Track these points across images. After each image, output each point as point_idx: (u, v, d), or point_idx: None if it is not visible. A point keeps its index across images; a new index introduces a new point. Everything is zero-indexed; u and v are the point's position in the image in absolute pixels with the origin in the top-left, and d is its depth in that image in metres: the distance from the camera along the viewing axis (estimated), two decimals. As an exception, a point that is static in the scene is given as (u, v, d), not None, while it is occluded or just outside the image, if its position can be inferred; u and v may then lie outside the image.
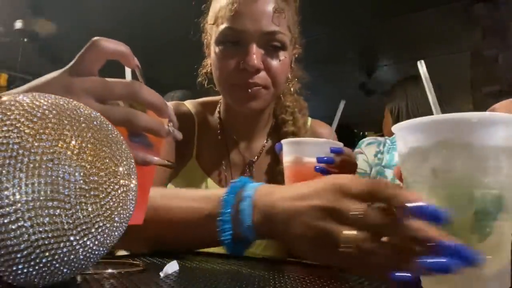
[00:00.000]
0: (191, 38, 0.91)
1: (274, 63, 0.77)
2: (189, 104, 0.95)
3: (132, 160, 0.41)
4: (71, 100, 0.39)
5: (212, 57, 0.82)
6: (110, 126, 0.40)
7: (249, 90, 0.77)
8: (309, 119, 0.97)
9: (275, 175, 0.86)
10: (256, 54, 0.75)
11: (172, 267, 0.46)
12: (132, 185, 0.39)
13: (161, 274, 0.44)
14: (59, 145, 0.34)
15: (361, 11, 3.54)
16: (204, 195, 0.58)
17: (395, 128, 0.39)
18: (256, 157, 0.90)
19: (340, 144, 0.70)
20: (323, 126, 0.98)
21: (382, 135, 1.88)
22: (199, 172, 0.88)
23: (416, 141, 0.36)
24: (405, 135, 0.38)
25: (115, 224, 0.37)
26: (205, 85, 0.91)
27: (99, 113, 0.41)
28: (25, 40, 4.18)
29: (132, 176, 0.40)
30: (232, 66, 0.77)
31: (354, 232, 0.38)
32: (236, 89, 0.79)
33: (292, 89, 0.92)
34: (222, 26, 0.76)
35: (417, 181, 0.37)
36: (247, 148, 0.90)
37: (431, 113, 1.55)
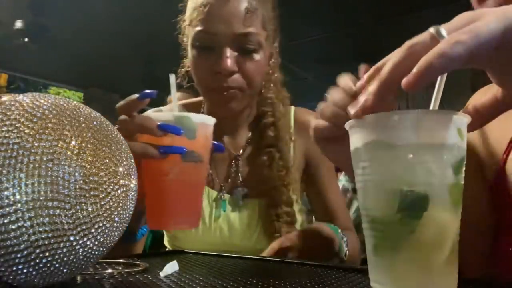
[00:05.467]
0: (180, 40, 0.91)
1: (249, 64, 0.78)
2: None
3: (132, 160, 0.41)
4: (71, 100, 0.39)
5: (189, 59, 0.83)
6: (110, 126, 0.40)
7: (225, 94, 0.78)
8: (293, 108, 0.96)
9: (259, 166, 0.86)
10: (229, 58, 0.75)
11: (172, 267, 0.46)
12: (132, 185, 0.39)
13: (161, 274, 0.44)
14: (59, 145, 0.34)
15: (361, 12, 3.54)
16: None
17: (346, 126, 0.39)
18: (241, 151, 0.90)
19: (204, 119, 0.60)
20: (307, 113, 0.97)
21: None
22: None
23: (354, 141, 0.37)
24: (350, 135, 0.39)
25: (115, 224, 0.37)
26: (184, 85, 0.91)
27: (99, 113, 0.41)
28: (25, 40, 4.17)
29: (132, 176, 0.40)
30: (207, 71, 0.78)
31: None
32: (212, 92, 0.80)
33: (272, 82, 0.92)
34: (196, 29, 0.77)
35: (357, 179, 0.38)
36: (231, 143, 0.91)
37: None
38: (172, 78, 0.61)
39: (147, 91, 0.56)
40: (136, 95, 0.56)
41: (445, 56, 0.29)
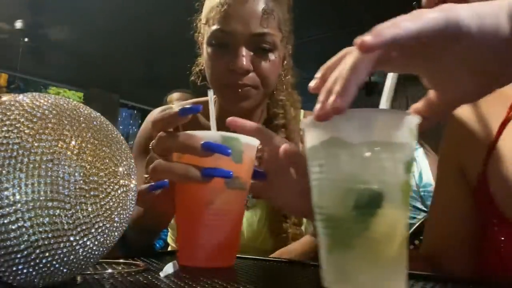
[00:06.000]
0: (191, 38, 0.92)
1: (264, 64, 0.79)
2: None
3: (132, 160, 0.41)
4: (71, 100, 0.39)
5: (204, 57, 0.84)
6: (110, 126, 0.40)
7: (239, 91, 0.79)
8: (302, 111, 0.97)
9: None
10: (245, 56, 0.77)
11: (172, 267, 0.46)
12: (132, 185, 0.39)
13: (161, 274, 0.44)
14: (59, 145, 0.34)
15: (361, 11, 3.54)
16: None
17: (301, 125, 0.39)
18: None
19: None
20: None
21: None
22: None
23: (311, 138, 0.38)
24: (305, 133, 0.39)
25: (115, 224, 0.37)
26: (198, 83, 0.92)
27: (99, 113, 0.41)
28: (25, 40, 4.18)
29: (132, 176, 0.40)
30: (222, 67, 0.79)
31: None
32: (226, 89, 0.81)
33: (284, 85, 0.93)
34: (213, 28, 0.79)
35: (312, 177, 0.38)
36: None
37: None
38: (211, 93, 0.57)
39: (188, 106, 0.50)
40: (176, 109, 0.50)
41: (395, 25, 0.32)
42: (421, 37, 0.32)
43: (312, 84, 0.40)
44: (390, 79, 0.40)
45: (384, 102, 0.39)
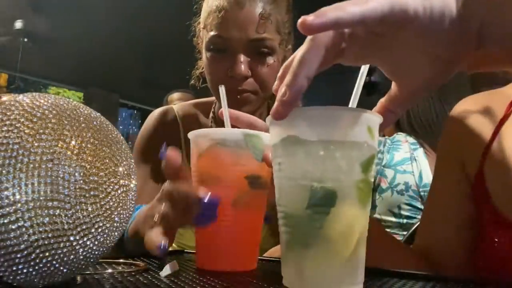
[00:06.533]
0: (190, 39, 0.92)
1: (262, 69, 0.79)
2: (178, 108, 0.96)
3: (132, 160, 0.41)
4: (71, 100, 0.39)
5: (203, 61, 0.84)
6: (110, 126, 0.40)
7: (238, 97, 0.79)
8: None
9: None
10: (243, 63, 0.77)
11: (172, 267, 0.46)
12: (132, 185, 0.39)
13: (161, 274, 0.44)
14: (59, 145, 0.34)
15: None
16: None
17: (266, 122, 0.39)
18: None
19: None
20: None
21: (383, 135, 1.88)
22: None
23: (272, 137, 0.38)
24: (270, 131, 0.39)
25: (115, 224, 0.37)
26: (198, 86, 0.92)
27: (99, 113, 0.41)
28: (25, 40, 4.18)
29: (132, 176, 0.40)
30: (221, 73, 0.80)
31: None
32: (226, 95, 0.81)
33: None
34: (211, 33, 0.79)
35: (274, 175, 0.38)
36: None
37: (431, 113, 1.55)
38: (222, 89, 0.56)
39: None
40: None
41: (339, 8, 0.32)
42: (366, 22, 0.32)
43: (274, 86, 0.40)
44: (359, 79, 0.40)
45: (351, 101, 0.39)
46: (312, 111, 0.34)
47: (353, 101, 0.39)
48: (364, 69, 0.40)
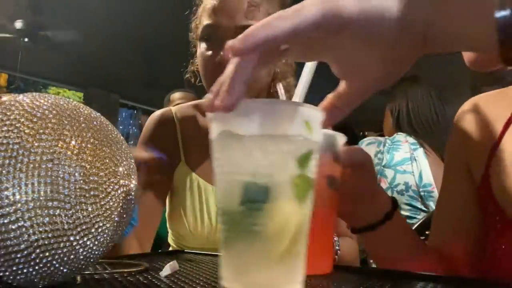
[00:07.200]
0: (190, 39, 0.92)
1: None
2: (176, 109, 0.97)
3: (132, 160, 0.41)
4: (71, 100, 0.39)
5: (198, 55, 0.85)
6: (110, 126, 0.40)
7: None
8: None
9: None
10: None
11: (172, 267, 0.46)
12: (132, 185, 0.39)
13: (161, 274, 0.44)
14: (59, 145, 0.34)
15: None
16: None
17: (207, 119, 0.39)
18: None
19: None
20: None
21: (382, 135, 1.88)
22: (189, 174, 0.89)
23: (212, 132, 0.37)
24: (211, 126, 0.39)
25: (115, 224, 0.37)
26: (192, 81, 0.93)
27: (99, 113, 0.41)
28: (25, 40, 4.18)
29: (132, 176, 0.40)
30: (210, 62, 0.81)
31: None
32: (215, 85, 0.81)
33: (285, 89, 0.93)
34: (203, 24, 0.81)
35: (214, 171, 0.37)
36: None
37: (431, 113, 1.55)
38: (280, 87, 0.56)
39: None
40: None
41: (268, 26, 0.31)
42: (300, 34, 0.31)
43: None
44: (305, 74, 0.39)
45: (298, 97, 0.38)
46: (245, 105, 0.33)
47: (299, 95, 0.38)
48: (312, 65, 0.39)
